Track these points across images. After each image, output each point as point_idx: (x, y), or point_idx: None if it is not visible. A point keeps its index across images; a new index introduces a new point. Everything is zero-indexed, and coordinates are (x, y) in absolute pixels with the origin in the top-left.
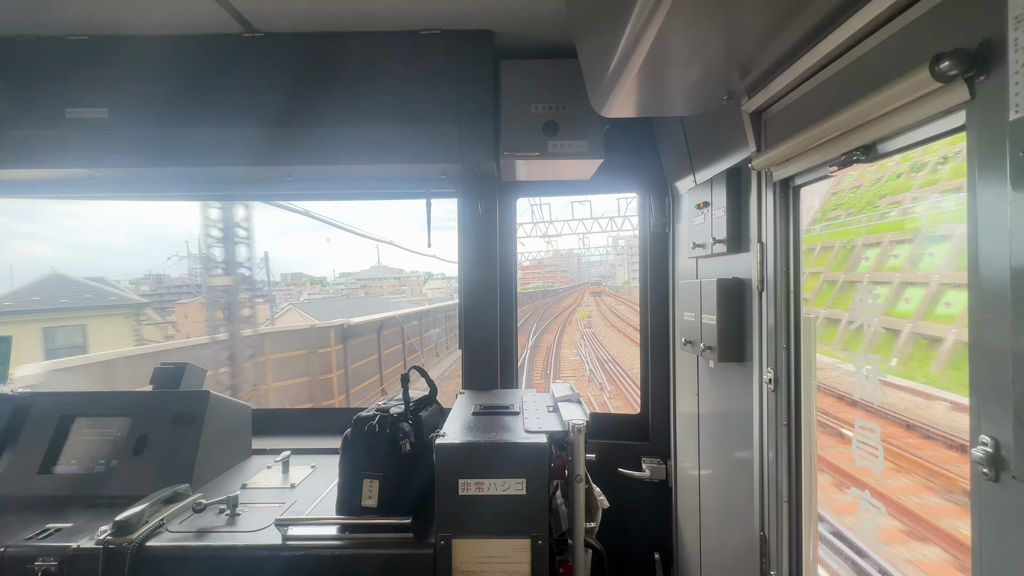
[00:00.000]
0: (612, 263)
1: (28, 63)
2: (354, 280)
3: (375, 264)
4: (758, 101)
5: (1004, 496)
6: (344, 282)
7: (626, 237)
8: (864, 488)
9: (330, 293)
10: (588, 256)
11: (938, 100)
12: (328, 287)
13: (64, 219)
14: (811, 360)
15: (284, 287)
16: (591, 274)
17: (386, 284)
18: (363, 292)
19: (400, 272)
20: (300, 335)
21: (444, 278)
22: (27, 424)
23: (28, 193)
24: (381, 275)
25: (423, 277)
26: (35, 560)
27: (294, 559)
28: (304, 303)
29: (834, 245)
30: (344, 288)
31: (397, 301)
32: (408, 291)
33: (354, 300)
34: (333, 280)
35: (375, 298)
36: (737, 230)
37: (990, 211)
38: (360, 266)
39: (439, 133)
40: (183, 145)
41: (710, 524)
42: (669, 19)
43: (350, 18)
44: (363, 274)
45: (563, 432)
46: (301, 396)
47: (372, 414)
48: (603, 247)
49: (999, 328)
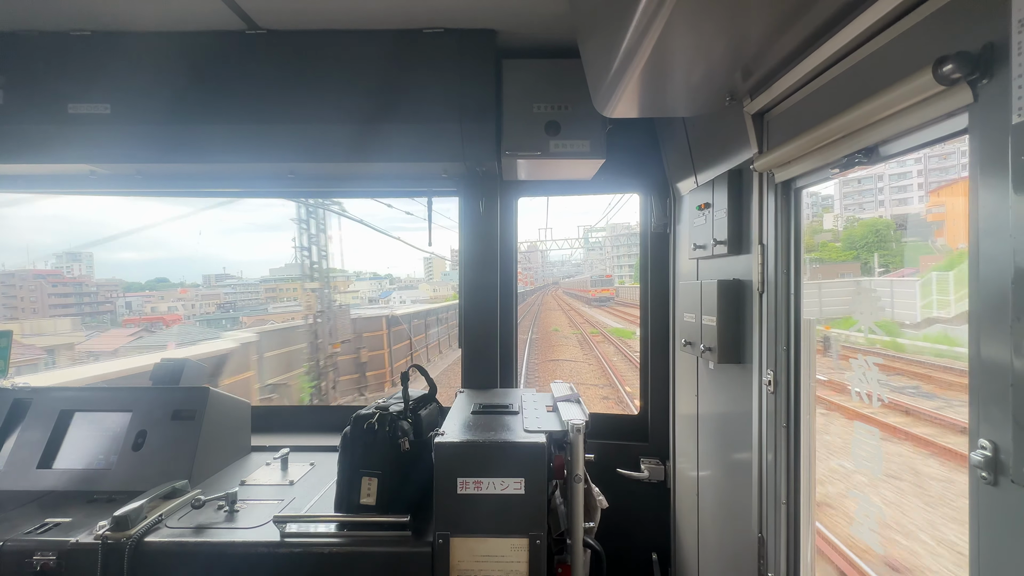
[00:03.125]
0: (578, 262)
1: (31, 58)
2: (259, 282)
3: (292, 262)
4: (761, 103)
5: (1002, 500)
6: (242, 284)
7: (599, 230)
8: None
9: (202, 300)
10: (552, 253)
11: (941, 103)
12: (201, 292)
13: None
14: (811, 362)
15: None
16: (553, 274)
17: (301, 287)
18: (267, 296)
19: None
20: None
21: (376, 278)
22: (27, 419)
23: (30, 188)
24: (297, 275)
25: (351, 276)
26: (34, 554)
27: (292, 556)
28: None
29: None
30: (235, 292)
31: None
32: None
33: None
34: (238, 282)
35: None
36: (738, 232)
37: (991, 215)
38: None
39: (441, 132)
40: (185, 141)
41: (708, 525)
42: (672, 20)
43: (352, 16)
44: (280, 273)
45: (562, 432)
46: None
47: (371, 412)
48: (568, 239)
49: (999, 332)
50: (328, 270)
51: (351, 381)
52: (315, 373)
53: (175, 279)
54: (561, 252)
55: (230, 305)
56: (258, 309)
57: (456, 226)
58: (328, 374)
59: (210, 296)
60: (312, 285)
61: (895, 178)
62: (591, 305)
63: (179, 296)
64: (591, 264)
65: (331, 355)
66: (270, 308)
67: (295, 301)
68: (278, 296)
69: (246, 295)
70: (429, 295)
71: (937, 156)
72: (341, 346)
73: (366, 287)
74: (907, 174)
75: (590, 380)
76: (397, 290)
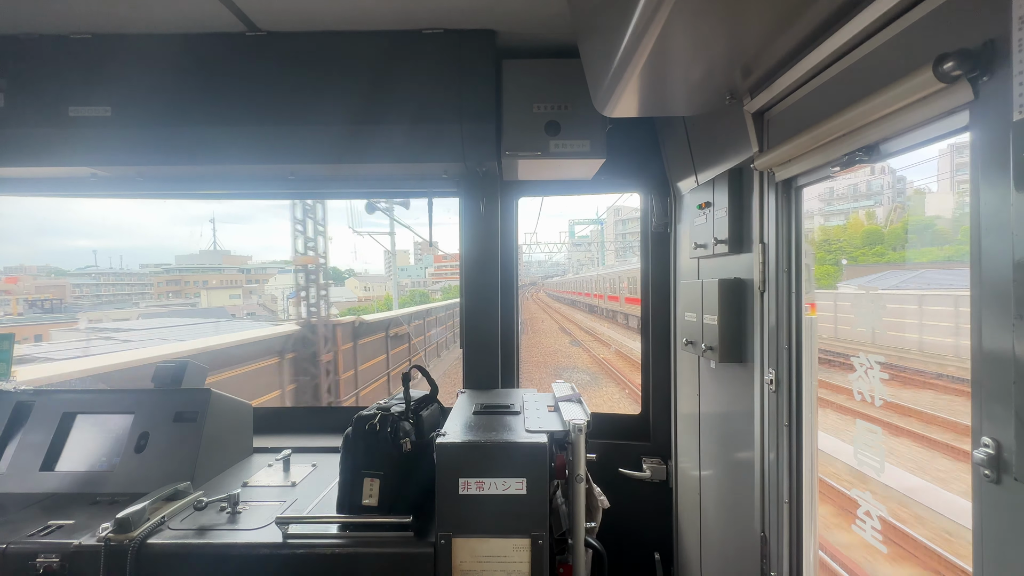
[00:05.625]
0: (559, 263)
1: (31, 61)
2: (162, 271)
3: (209, 247)
4: (761, 101)
5: (1005, 498)
6: (114, 273)
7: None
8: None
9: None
10: (534, 255)
11: (941, 100)
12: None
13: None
14: (812, 361)
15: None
16: (532, 273)
17: (216, 279)
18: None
19: (248, 262)
20: None
21: (291, 270)
22: (29, 421)
23: (31, 191)
24: (214, 264)
25: (273, 268)
26: (37, 557)
27: (294, 557)
28: None
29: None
30: (97, 283)
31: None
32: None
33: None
34: (108, 271)
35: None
36: (739, 230)
37: (993, 212)
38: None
39: (441, 132)
40: (186, 144)
41: (711, 524)
42: (671, 19)
43: (352, 17)
44: (189, 261)
45: (564, 432)
46: None
47: (373, 413)
48: (554, 243)
49: (1001, 329)
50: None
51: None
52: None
53: (104, 266)
54: (546, 251)
55: (57, 302)
56: (119, 305)
57: (425, 222)
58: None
59: (51, 287)
60: (201, 277)
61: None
62: (599, 316)
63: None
64: (577, 263)
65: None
66: (142, 305)
67: (198, 297)
68: (183, 290)
69: (120, 286)
70: (359, 295)
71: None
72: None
73: (289, 281)
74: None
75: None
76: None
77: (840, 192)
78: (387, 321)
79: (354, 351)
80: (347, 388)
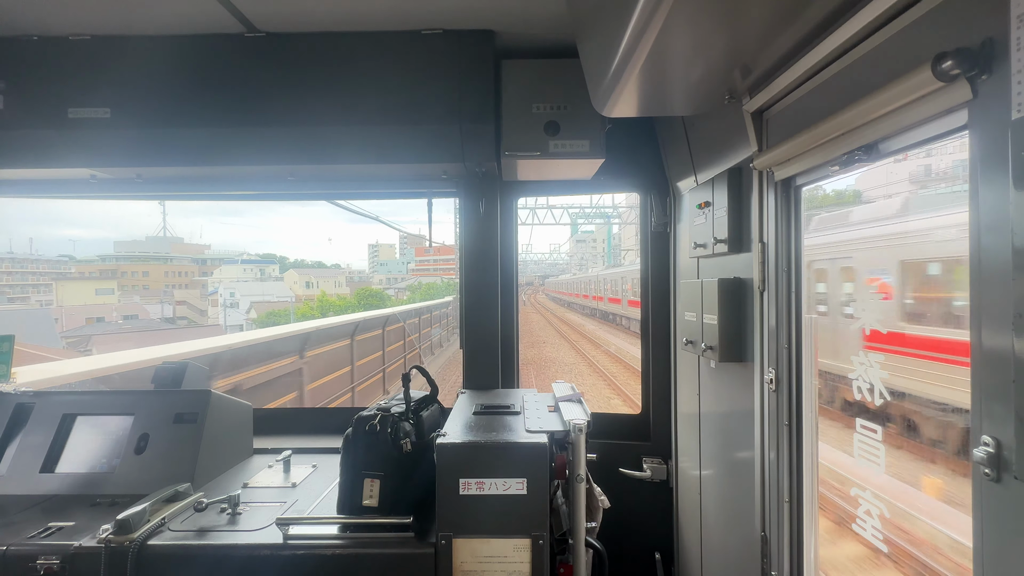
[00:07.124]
0: (564, 263)
1: (30, 63)
2: (97, 259)
3: (157, 234)
4: (760, 100)
5: (1006, 496)
6: (21, 260)
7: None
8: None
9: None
10: (531, 254)
11: (940, 99)
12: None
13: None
14: (812, 360)
15: None
16: (528, 273)
17: (156, 270)
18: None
19: (206, 251)
20: None
21: (256, 261)
22: (29, 423)
23: (31, 193)
24: (160, 253)
25: (219, 261)
26: (37, 559)
27: (295, 558)
28: None
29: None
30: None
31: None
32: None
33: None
34: (24, 256)
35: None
36: (738, 230)
37: (992, 210)
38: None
39: (440, 133)
40: (185, 145)
41: (711, 524)
42: (670, 18)
43: (351, 18)
44: (133, 248)
45: (564, 432)
46: None
47: (373, 413)
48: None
49: (1001, 328)
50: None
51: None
52: None
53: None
54: (545, 251)
55: None
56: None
57: (417, 220)
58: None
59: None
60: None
61: None
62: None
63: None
64: (581, 259)
65: None
66: (35, 299)
67: (145, 288)
68: (126, 282)
69: (21, 275)
70: (297, 293)
71: None
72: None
73: (237, 273)
74: None
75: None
76: (246, 282)
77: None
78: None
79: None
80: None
